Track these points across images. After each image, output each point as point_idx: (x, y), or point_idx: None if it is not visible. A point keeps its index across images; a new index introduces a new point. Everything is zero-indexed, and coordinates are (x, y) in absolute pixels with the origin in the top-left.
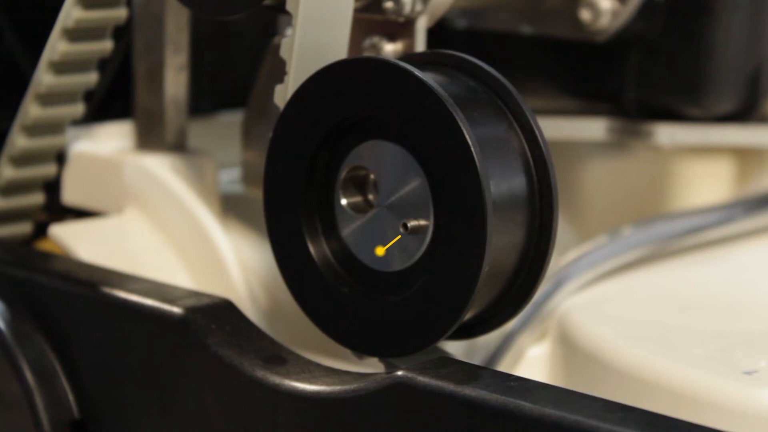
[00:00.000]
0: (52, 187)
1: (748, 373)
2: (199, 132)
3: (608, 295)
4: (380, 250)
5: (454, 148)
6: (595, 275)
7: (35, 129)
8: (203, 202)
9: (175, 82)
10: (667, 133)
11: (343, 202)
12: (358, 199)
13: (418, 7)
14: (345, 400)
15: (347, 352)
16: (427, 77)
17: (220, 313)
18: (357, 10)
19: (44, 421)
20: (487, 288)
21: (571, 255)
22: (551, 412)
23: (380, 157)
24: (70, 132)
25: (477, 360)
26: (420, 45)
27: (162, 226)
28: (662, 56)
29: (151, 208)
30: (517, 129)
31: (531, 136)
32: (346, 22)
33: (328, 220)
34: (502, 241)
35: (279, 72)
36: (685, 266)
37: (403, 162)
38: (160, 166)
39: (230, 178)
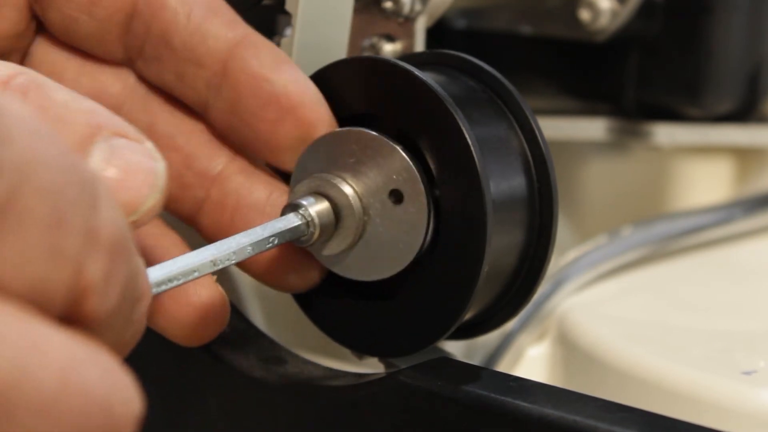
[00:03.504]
0: None
1: (747, 373)
2: None
3: (608, 295)
4: None
5: (453, 147)
6: (595, 275)
7: None
8: None
9: None
10: (666, 133)
11: None
12: None
13: (418, 7)
14: (344, 400)
15: (347, 352)
16: (427, 77)
17: None
18: (356, 10)
19: None
20: (487, 288)
21: (571, 255)
22: (550, 412)
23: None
24: None
25: (477, 360)
26: (419, 45)
27: None
28: (662, 56)
29: None
30: (517, 129)
31: (531, 136)
32: (346, 22)
33: None
34: (502, 241)
35: None
36: (685, 266)
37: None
38: None
39: None
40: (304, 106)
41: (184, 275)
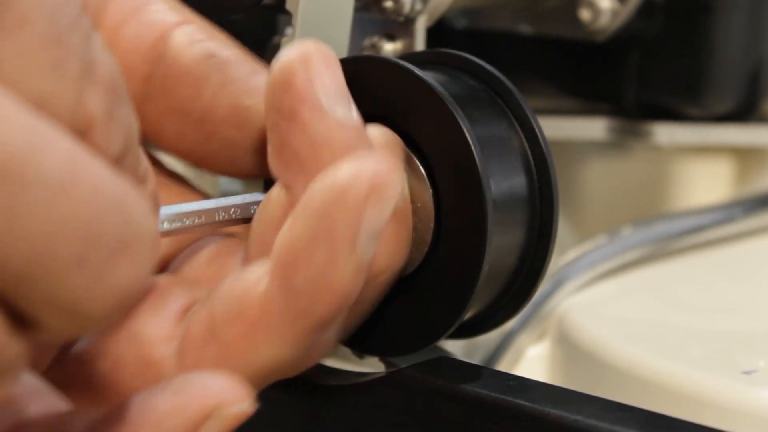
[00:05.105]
0: None
1: (747, 372)
2: None
3: (608, 295)
4: None
5: (454, 147)
6: (594, 275)
7: None
8: None
9: None
10: (666, 133)
11: None
12: None
13: (418, 6)
14: (344, 399)
15: (347, 351)
16: (428, 76)
17: None
18: (357, 10)
19: None
20: (487, 288)
21: (571, 255)
22: (550, 411)
23: None
24: None
25: (477, 359)
26: (419, 44)
27: None
28: (662, 56)
29: None
30: (518, 128)
31: (531, 135)
32: (346, 22)
33: None
34: (502, 241)
35: None
36: (684, 266)
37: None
38: None
39: (230, 178)
40: None
41: (189, 217)
